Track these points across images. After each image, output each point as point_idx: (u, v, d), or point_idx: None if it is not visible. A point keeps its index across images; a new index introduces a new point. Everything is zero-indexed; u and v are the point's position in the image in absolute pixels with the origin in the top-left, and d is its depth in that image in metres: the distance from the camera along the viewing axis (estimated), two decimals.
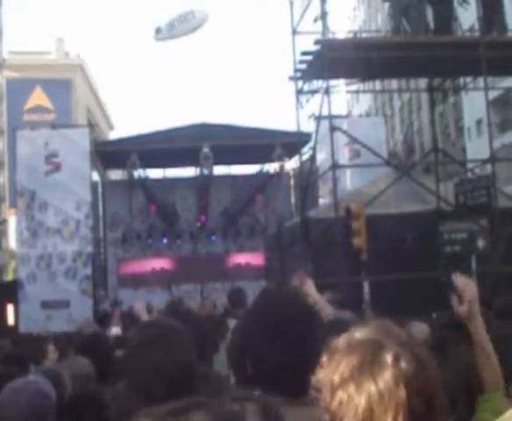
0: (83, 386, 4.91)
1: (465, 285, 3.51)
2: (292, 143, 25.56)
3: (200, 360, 3.32)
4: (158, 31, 30.79)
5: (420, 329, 6.51)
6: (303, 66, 20.02)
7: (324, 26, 18.92)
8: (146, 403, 2.82)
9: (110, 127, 79.74)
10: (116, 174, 39.08)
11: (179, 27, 30.28)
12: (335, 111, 21.90)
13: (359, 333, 1.81)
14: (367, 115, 59.83)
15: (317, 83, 20.14)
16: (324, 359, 1.81)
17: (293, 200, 33.61)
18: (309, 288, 6.14)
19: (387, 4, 22.09)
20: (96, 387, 4.90)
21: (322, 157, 26.07)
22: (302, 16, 20.09)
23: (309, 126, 26.20)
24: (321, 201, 29.11)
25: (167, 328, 3.10)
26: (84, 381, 5.15)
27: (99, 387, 4.89)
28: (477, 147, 36.86)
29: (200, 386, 3.02)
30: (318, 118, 21.18)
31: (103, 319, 15.57)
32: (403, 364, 1.69)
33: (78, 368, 5.39)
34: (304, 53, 19.72)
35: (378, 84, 34.24)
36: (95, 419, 3.68)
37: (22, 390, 3.72)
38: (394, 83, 34.94)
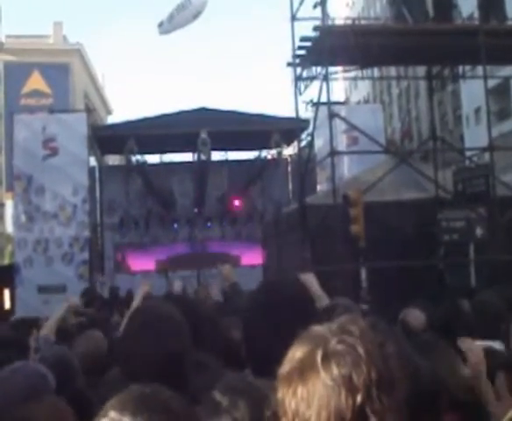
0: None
1: (470, 350, 3.61)
2: (290, 129, 25.50)
3: (196, 347, 3.27)
4: (160, 24, 30.76)
5: (416, 317, 6.50)
6: (302, 52, 19.96)
7: (324, 12, 18.86)
8: None
9: (108, 112, 79.41)
10: (113, 160, 38.99)
11: (178, 17, 30.19)
12: (333, 98, 21.83)
13: (322, 326, 1.78)
14: (365, 102, 59.83)
15: (316, 70, 20.09)
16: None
17: (290, 187, 33.59)
18: (310, 278, 6.10)
19: None
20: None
21: (319, 144, 26.02)
22: (301, 2, 20.01)
23: (306, 113, 26.19)
24: (319, 188, 29.08)
25: (159, 315, 3.04)
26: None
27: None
28: (475, 136, 36.86)
29: (195, 374, 2.99)
30: (317, 105, 21.15)
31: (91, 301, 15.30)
32: (333, 366, 1.64)
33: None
34: (303, 39, 19.65)
35: (376, 71, 34.25)
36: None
37: (19, 370, 3.73)
38: (393, 70, 34.89)
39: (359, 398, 1.61)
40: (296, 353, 1.73)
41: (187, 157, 33.91)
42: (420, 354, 2.88)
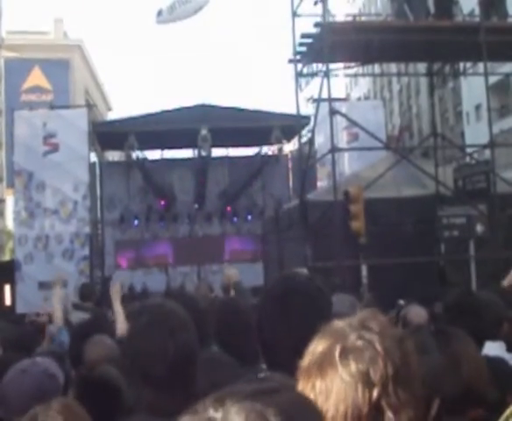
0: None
1: None
2: (291, 126, 25.53)
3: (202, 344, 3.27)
4: (159, 13, 30.54)
5: (417, 313, 6.50)
6: (303, 48, 19.94)
7: (325, 9, 18.84)
8: (147, 386, 2.79)
9: (109, 108, 79.34)
10: (114, 155, 39.00)
11: (179, 9, 30.01)
12: (334, 95, 21.81)
13: (343, 321, 1.77)
14: (366, 98, 59.76)
15: (317, 66, 20.07)
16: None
17: (291, 183, 33.61)
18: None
19: None
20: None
21: (320, 140, 26.03)
22: None
23: (307, 109, 26.18)
24: (319, 184, 29.07)
25: (165, 312, 3.03)
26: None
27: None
28: (475, 132, 36.87)
29: (208, 371, 2.99)
30: (317, 101, 21.14)
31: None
32: (351, 362, 1.65)
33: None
34: (304, 36, 19.64)
35: (377, 68, 34.19)
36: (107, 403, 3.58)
37: (28, 371, 3.71)
38: (393, 67, 34.91)
39: (375, 393, 1.63)
40: (317, 347, 1.74)
41: (187, 153, 33.93)
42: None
